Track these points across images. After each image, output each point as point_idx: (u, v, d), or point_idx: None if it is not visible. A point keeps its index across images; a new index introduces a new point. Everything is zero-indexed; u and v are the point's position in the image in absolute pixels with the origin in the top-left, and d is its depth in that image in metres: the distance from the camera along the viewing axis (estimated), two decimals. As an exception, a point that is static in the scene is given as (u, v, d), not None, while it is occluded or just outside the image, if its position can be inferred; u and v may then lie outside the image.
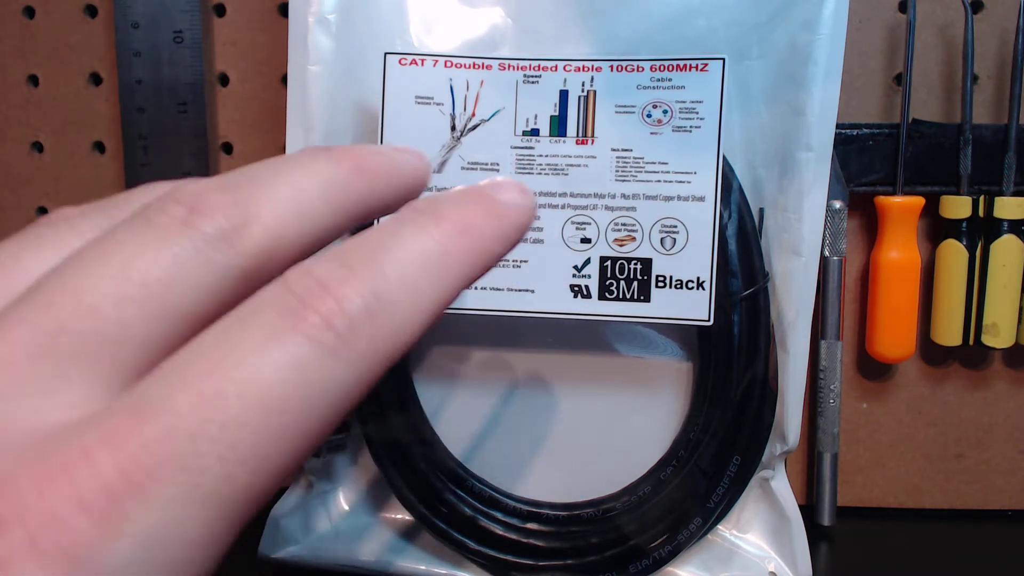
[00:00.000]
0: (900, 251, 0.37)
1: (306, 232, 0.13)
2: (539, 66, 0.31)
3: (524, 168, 0.31)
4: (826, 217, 0.33)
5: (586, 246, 0.31)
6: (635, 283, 0.31)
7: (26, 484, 0.10)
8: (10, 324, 0.11)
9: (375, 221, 0.15)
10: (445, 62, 0.31)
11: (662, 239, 0.31)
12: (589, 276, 0.31)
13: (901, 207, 0.36)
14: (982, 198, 0.36)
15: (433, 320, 0.13)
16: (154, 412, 0.10)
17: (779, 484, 0.34)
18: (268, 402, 0.11)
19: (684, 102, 0.31)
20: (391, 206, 0.14)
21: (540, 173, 0.31)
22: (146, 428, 0.10)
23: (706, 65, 0.30)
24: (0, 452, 0.10)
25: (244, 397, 0.11)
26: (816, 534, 0.37)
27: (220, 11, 0.40)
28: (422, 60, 0.31)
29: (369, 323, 0.12)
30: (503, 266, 0.31)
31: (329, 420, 0.12)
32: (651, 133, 0.31)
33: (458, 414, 0.35)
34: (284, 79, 0.36)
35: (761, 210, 0.33)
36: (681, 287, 0.31)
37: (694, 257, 0.31)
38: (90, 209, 0.14)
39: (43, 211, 0.43)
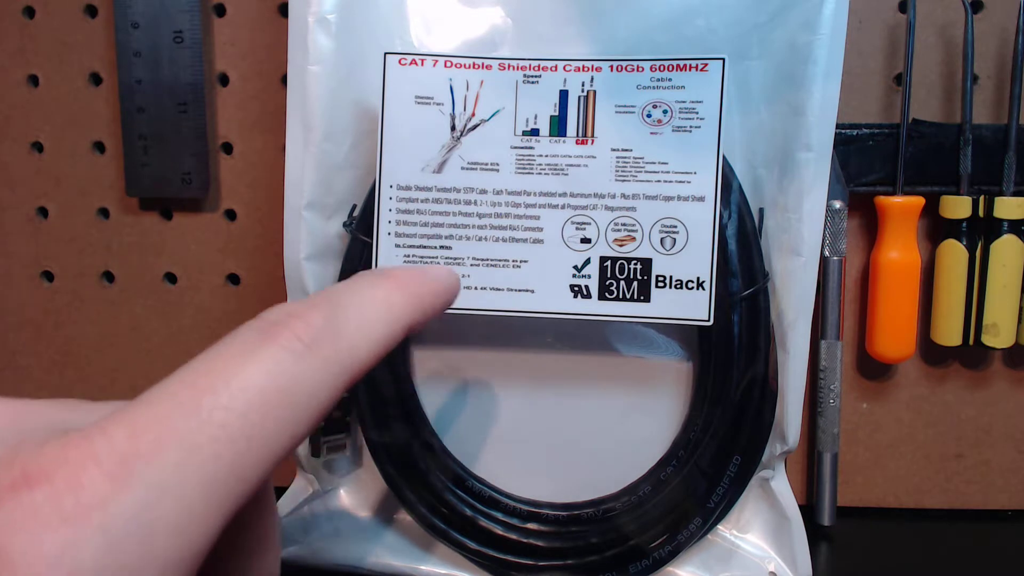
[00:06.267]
0: (900, 251, 0.37)
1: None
2: (539, 66, 0.31)
3: (524, 168, 0.31)
4: (826, 217, 0.33)
5: (586, 246, 0.31)
6: (635, 283, 0.31)
7: (53, 449, 0.12)
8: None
9: None
10: (445, 62, 0.31)
11: (662, 239, 0.31)
12: (589, 276, 0.31)
13: (901, 207, 0.36)
14: (982, 198, 0.36)
15: (385, 347, 0.17)
16: (158, 401, 0.13)
17: (779, 484, 0.34)
18: (249, 392, 0.13)
19: (684, 102, 0.31)
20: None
21: (540, 173, 0.31)
22: (149, 411, 0.13)
23: (706, 65, 0.30)
24: (37, 437, 0.13)
25: (229, 388, 0.13)
26: (816, 534, 0.37)
27: (220, 11, 0.40)
28: (422, 60, 0.31)
29: (330, 338, 0.15)
30: (503, 266, 0.31)
31: (304, 415, 0.14)
32: (651, 133, 0.31)
33: (458, 414, 0.35)
34: (284, 79, 0.36)
35: (761, 210, 0.33)
36: (681, 287, 0.31)
37: (694, 257, 0.31)
38: None
39: (43, 211, 0.43)
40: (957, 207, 0.36)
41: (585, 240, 0.31)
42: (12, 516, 0.11)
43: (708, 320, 0.31)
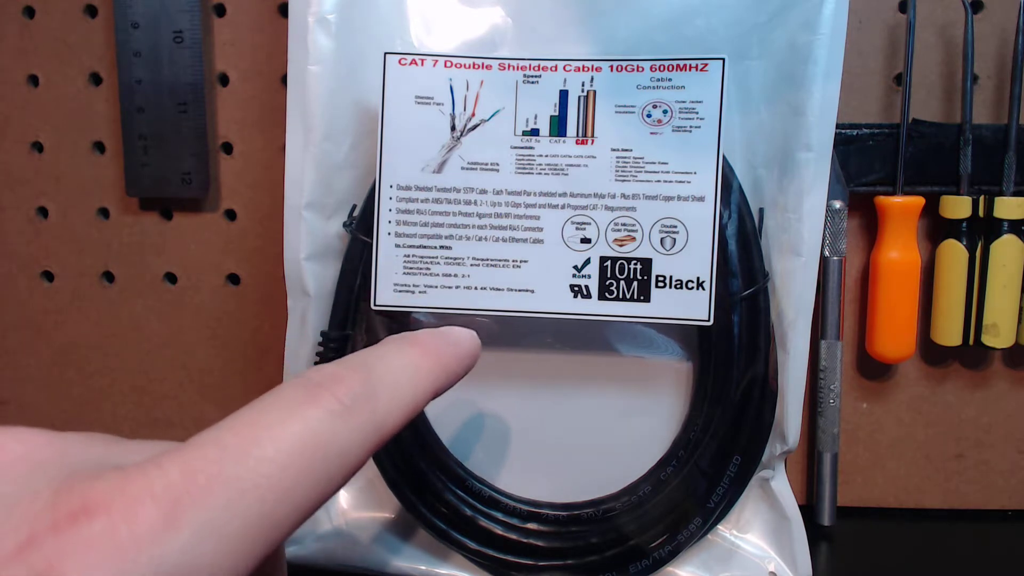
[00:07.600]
0: (900, 251, 0.37)
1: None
2: (539, 66, 0.31)
3: (524, 168, 0.31)
4: (826, 217, 0.33)
5: (586, 246, 0.31)
6: (635, 283, 0.31)
7: (111, 482, 0.13)
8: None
9: None
10: (445, 62, 0.31)
11: (662, 239, 0.31)
12: (589, 276, 0.31)
13: (901, 207, 0.36)
14: (982, 198, 0.36)
15: (413, 411, 0.18)
16: (208, 444, 0.14)
17: (779, 484, 0.34)
18: (291, 446, 0.14)
19: (684, 102, 0.31)
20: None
21: (540, 173, 0.31)
22: (200, 454, 0.14)
23: (706, 65, 0.30)
24: (86, 469, 0.14)
25: (274, 441, 0.14)
26: (816, 534, 0.37)
27: (220, 11, 0.40)
28: (422, 60, 0.31)
29: (366, 402, 0.16)
30: (503, 266, 0.31)
31: (337, 473, 0.15)
32: (651, 133, 0.31)
33: (458, 414, 0.35)
34: (284, 79, 0.36)
35: (761, 210, 0.33)
36: (681, 287, 0.31)
37: (694, 257, 0.31)
38: None
39: (43, 211, 0.43)
40: (957, 207, 0.36)
41: (585, 240, 0.31)
42: (71, 543, 0.12)
43: (708, 320, 0.31)
